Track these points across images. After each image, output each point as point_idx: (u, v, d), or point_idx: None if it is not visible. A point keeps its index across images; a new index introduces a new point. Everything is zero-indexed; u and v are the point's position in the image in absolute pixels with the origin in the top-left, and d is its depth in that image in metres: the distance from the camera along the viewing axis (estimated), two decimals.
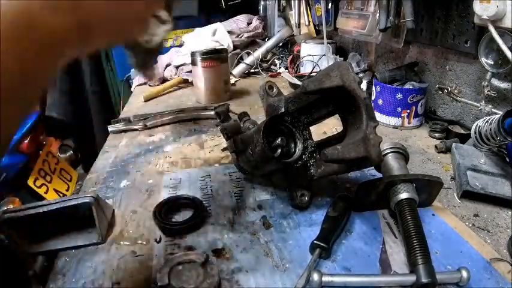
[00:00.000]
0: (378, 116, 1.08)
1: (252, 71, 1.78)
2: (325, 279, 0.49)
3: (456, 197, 0.71)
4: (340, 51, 1.67)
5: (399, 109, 1.05)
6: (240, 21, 1.89)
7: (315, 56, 1.54)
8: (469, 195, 0.69)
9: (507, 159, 0.76)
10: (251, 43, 1.91)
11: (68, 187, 1.78)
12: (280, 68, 1.82)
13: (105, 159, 0.93)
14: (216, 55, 1.34)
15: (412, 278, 0.48)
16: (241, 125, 0.76)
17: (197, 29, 1.90)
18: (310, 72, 1.51)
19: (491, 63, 0.82)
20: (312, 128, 0.69)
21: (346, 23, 1.38)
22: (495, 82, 0.87)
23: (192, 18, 2.36)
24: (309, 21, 1.57)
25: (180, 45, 2.00)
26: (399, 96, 1.03)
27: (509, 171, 0.72)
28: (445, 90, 0.98)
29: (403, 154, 0.70)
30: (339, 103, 0.66)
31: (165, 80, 1.71)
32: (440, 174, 0.80)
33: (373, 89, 1.11)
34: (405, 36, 1.10)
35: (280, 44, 1.92)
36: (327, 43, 1.51)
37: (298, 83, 1.41)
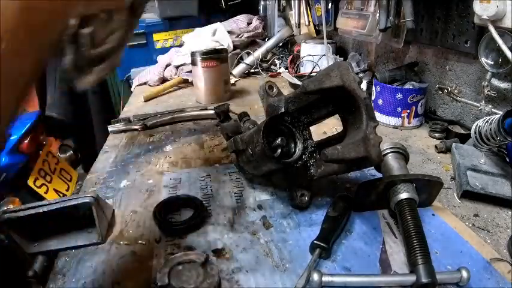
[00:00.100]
0: (378, 116, 1.08)
1: (252, 71, 1.78)
2: (325, 279, 0.49)
3: (456, 197, 0.71)
4: (340, 51, 1.67)
5: (399, 109, 1.05)
6: (240, 21, 1.89)
7: (315, 56, 1.54)
8: (469, 195, 0.69)
9: (507, 159, 0.76)
10: (251, 43, 1.91)
11: (68, 187, 1.78)
12: (280, 68, 1.82)
13: (105, 159, 0.93)
14: (216, 55, 1.34)
15: (412, 278, 0.48)
16: (241, 125, 0.76)
17: (197, 29, 1.90)
18: (310, 72, 1.51)
19: (491, 63, 0.82)
20: (312, 128, 0.69)
21: (346, 23, 1.38)
22: (495, 82, 0.87)
23: (192, 18, 2.36)
24: (309, 21, 1.57)
25: (180, 45, 2.01)
26: (399, 96, 1.03)
27: (509, 171, 0.72)
28: (445, 90, 0.98)
29: (403, 154, 0.70)
30: (339, 103, 0.66)
31: (165, 80, 1.71)
32: (440, 174, 0.80)
33: (373, 89, 1.11)
34: (405, 36, 1.10)
35: (280, 44, 1.92)
36: (327, 43, 1.51)
37: (298, 83, 1.41)
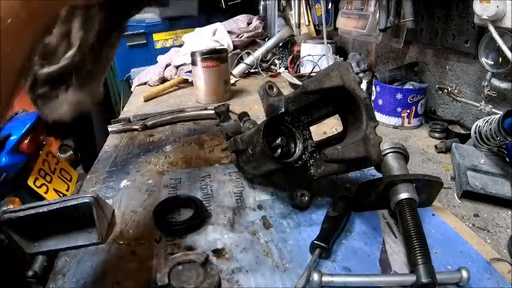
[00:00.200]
0: (378, 116, 1.08)
1: (252, 71, 1.78)
2: (325, 279, 0.49)
3: (456, 197, 0.71)
4: (340, 51, 1.67)
5: (399, 109, 1.05)
6: (240, 21, 1.89)
7: (315, 56, 1.54)
8: (469, 195, 0.69)
9: (507, 159, 0.76)
10: (251, 43, 1.91)
11: (68, 187, 1.77)
12: (280, 68, 1.82)
13: (105, 159, 0.93)
14: (216, 55, 1.34)
15: (412, 278, 0.48)
16: (241, 125, 0.77)
17: (197, 29, 1.90)
18: (310, 72, 1.51)
19: (491, 63, 0.82)
20: (312, 128, 0.69)
21: (346, 23, 1.38)
22: (495, 82, 0.87)
23: (192, 18, 2.36)
24: (309, 21, 1.57)
25: (180, 45, 2.01)
26: (399, 96, 1.03)
27: (509, 171, 0.72)
28: (445, 90, 0.98)
29: (403, 154, 0.70)
30: (339, 103, 0.66)
31: (165, 80, 1.71)
32: (440, 174, 0.80)
33: (373, 89, 1.11)
34: (405, 36, 1.10)
35: (280, 44, 1.92)
36: (327, 43, 1.51)
37: (298, 83, 1.41)
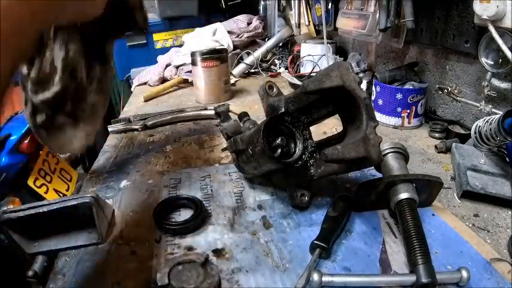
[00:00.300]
0: (378, 116, 1.08)
1: (252, 71, 1.78)
2: (325, 279, 0.49)
3: (456, 197, 0.71)
4: (340, 51, 1.67)
5: (399, 109, 1.05)
6: (240, 21, 1.89)
7: (315, 56, 1.54)
8: (469, 195, 0.69)
9: (507, 159, 0.76)
10: (251, 43, 1.91)
11: (68, 187, 1.77)
12: (280, 68, 1.82)
13: (105, 159, 0.93)
14: (216, 55, 1.34)
15: (412, 278, 0.48)
16: (241, 125, 0.77)
17: (197, 29, 1.90)
18: (310, 72, 1.51)
19: (491, 63, 0.82)
20: (312, 128, 0.69)
21: (346, 23, 1.38)
22: (495, 82, 0.87)
23: (192, 18, 2.36)
24: (309, 21, 1.57)
25: (180, 45, 2.01)
26: (399, 96, 1.03)
27: (509, 171, 0.72)
28: (445, 90, 0.98)
29: (403, 154, 0.70)
30: (339, 103, 0.66)
31: (165, 80, 1.71)
32: (440, 174, 0.80)
33: (373, 89, 1.11)
34: (405, 36, 1.10)
35: (280, 44, 1.92)
36: (327, 43, 1.51)
37: (298, 83, 1.41)
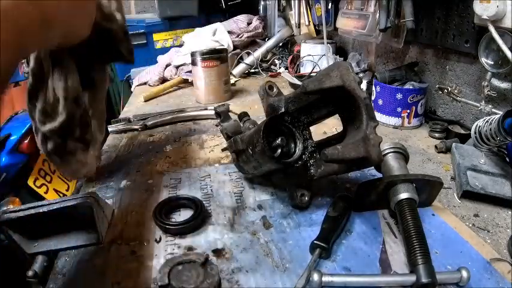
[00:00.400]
0: (378, 116, 1.08)
1: (252, 71, 1.78)
2: (325, 279, 0.49)
3: (456, 197, 0.71)
4: (340, 51, 1.67)
5: (399, 109, 1.05)
6: (240, 21, 1.89)
7: (315, 56, 1.54)
8: (469, 195, 0.69)
9: (507, 159, 0.76)
10: (251, 43, 1.91)
11: (68, 187, 1.78)
12: (280, 68, 1.82)
13: (105, 159, 0.93)
14: (216, 55, 1.34)
15: (412, 278, 0.48)
16: (241, 125, 0.76)
17: (197, 29, 1.90)
18: (310, 72, 1.51)
19: (491, 63, 0.82)
20: (312, 128, 0.69)
21: (346, 23, 1.38)
22: (495, 82, 0.87)
23: (192, 18, 2.36)
24: (309, 21, 1.57)
25: (180, 45, 2.01)
26: (399, 96, 1.03)
27: (509, 171, 0.72)
28: (445, 90, 0.98)
29: (403, 154, 0.70)
30: (339, 103, 0.66)
31: (165, 80, 1.71)
32: (440, 174, 0.80)
33: (373, 89, 1.11)
34: (405, 36, 1.10)
35: (280, 44, 1.92)
36: (327, 43, 1.51)
37: (298, 83, 1.41)
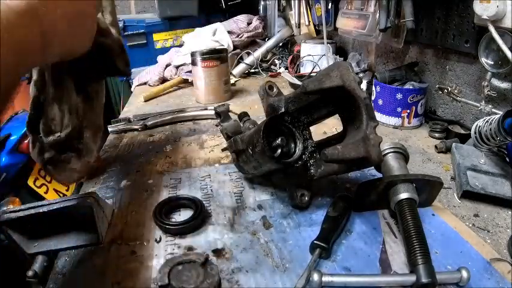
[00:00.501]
0: (378, 116, 1.08)
1: (252, 71, 1.78)
2: (325, 279, 0.49)
3: (456, 197, 0.71)
4: (340, 51, 1.67)
5: (399, 109, 1.05)
6: (240, 21, 1.89)
7: (315, 56, 1.54)
8: (469, 195, 0.69)
9: (507, 159, 0.76)
10: (251, 43, 1.91)
11: (68, 187, 1.77)
12: (280, 68, 1.82)
13: (105, 159, 0.93)
14: (216, 55, 1.34)
15: (412, 278, 0.48)
16: (241, 125, 0.76)
17: (197, 29, 1.90)
18: (310, 72, 1.51)
19: (491, 63, 0.82)
20: (312, 128, 0.69)
21: (346, 23, 1.38)
22: (495, 82, 0.87)
23: (192, 18, 2.37)
24: (309, 21, 1.57)
25: (180, 45, 2.01)
26: (399, 96, 1.03)
27: (509, 171, 0.72)
28: (445, 90, 0.98)
29: (403, 154, 0.70)
30: (339, 103, 0.66)
31: (165, 80, 1.71)
32: (440, 174, 0.80)
33: (373, 89, 1.11)
34: (405, 36, 1.10)
35: (280, 44, 1.92)
36: (327, 43, 1.51)
37: (298, 83, 1.41)
